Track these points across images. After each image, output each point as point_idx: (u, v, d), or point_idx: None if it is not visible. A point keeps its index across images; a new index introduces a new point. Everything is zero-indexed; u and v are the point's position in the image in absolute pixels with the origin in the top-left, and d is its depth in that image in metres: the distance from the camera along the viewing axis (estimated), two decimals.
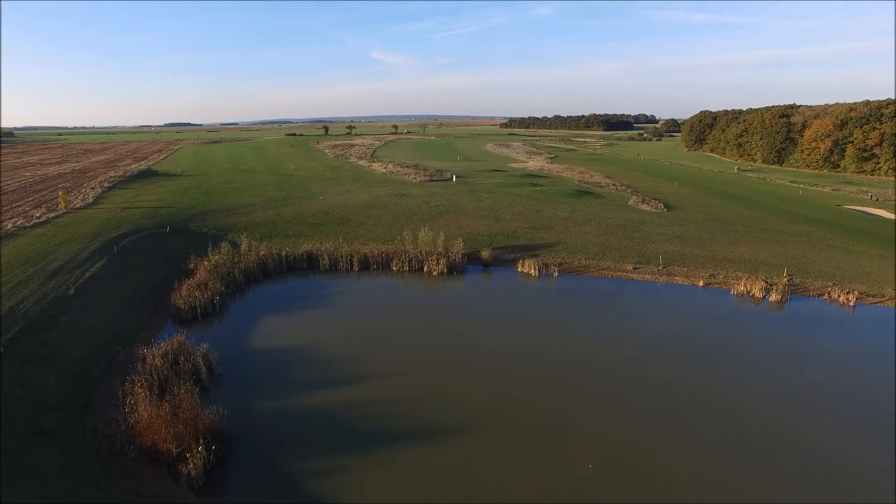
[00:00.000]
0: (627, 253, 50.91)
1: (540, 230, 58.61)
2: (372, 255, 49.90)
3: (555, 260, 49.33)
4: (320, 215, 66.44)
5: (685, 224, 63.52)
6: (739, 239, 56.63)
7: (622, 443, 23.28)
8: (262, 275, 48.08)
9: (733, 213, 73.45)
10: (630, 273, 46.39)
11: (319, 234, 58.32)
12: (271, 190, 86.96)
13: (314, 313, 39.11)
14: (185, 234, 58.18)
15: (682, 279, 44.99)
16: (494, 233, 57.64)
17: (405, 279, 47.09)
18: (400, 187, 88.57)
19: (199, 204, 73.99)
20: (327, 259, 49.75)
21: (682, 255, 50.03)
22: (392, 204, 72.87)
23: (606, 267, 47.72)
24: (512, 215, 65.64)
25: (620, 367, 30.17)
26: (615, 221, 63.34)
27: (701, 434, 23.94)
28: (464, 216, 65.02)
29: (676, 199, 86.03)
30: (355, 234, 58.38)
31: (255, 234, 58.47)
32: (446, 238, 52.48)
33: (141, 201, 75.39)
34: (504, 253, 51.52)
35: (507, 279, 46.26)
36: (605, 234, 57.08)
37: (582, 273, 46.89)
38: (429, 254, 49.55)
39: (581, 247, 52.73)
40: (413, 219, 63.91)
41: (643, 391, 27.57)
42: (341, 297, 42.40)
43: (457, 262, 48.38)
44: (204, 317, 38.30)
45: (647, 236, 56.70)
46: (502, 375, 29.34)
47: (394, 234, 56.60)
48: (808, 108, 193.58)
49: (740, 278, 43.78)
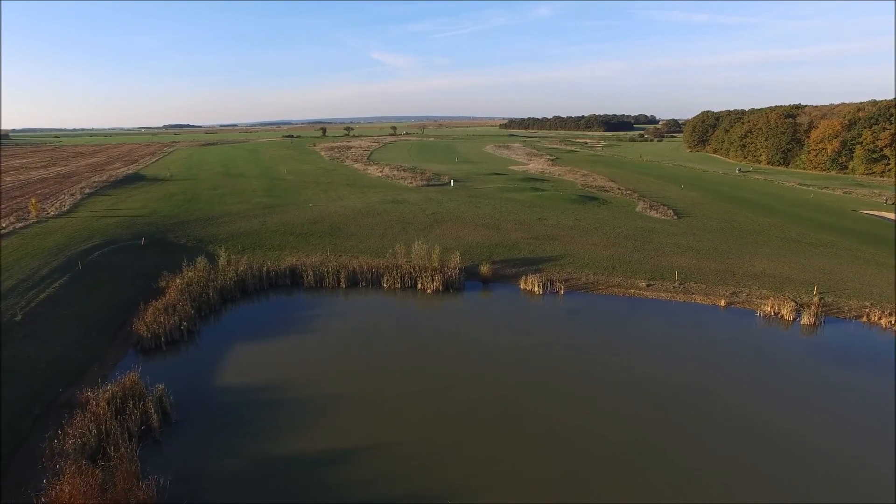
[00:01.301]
0: (639, 267, 46.79)
1: (543, 241, 54.48)
2: (361, 271, 45.78)
3: (560, 275, 45.22)
4: (309, 224, 62.31)
5: (698, 233, 59.41)
6: (759, 250, 52.50)
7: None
8: (241, 293, 43.94)
9: (747, 219, 69.36)
10: (643, 291, 42.26)
11: (307, 246, 54.24)
12: (260, 196, 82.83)
13: (293, 341, 34.96)
14: (162, 247, 54.07)
15: (701, 298, 40.87)
16: (494, 244, 53.51)
17: (397, 298, 42.97)
18: (395, 193, 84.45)
19: (181, 212, 69.88)
20: (312, 275, 45.62)
21: (699, 270, 45.90)
22: (386, 212, 68.74)
23: (617, 283, 43.60)
24: (513, 224, 61.51)
25: (641, 411, 26.04)
26: (624, 231, 59.21)
27: (740, 496, 19.83)
28: (462, 225, 60.89)
29: (685, 204, 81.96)
30: (345, 245, 54.27)
31: (237, 245, 54.42)
32: (442, 251, 48.39)
33: (120, 209, 71.27)
34: (505, 267, 47.40)
35: (509, 298, 42.13)
36: (613, 246, 52.95)
37: (590, 291, 42.76)
38: (423, 269, 45.45)
39: (588, 260, 48.61)
40: (408, 228, 59.79)
41: (668, 440, 23.46)
42: (325, 321, 38.26)
43: (453, 279, 44.26)
44: (169, 345, 34.17)
45: (660, 248, 52.58)
46: (507, 425, 25.19)
47: (386, 246, 52.53)
48: (814, 108, 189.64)
49: (766, 297, 39.68)
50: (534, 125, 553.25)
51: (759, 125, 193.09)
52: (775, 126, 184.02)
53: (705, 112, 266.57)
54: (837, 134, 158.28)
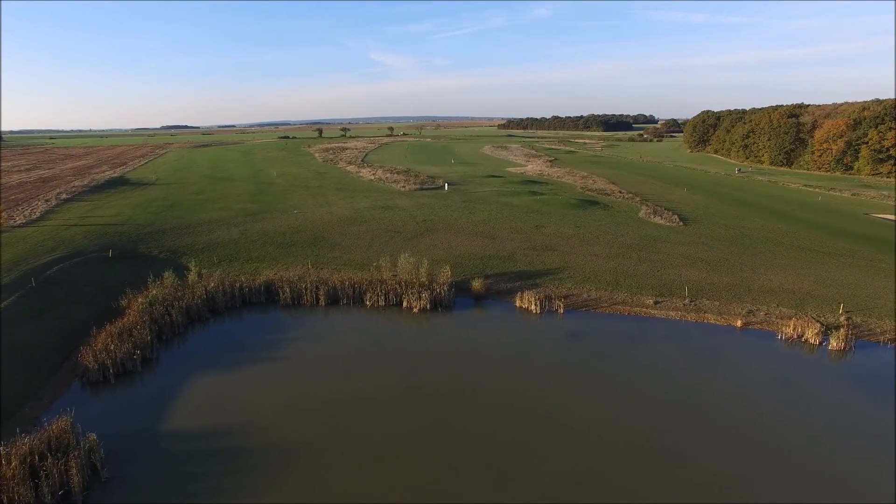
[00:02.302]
0: (645, 281, 43.03)
1: (541, 251, 50.69)
2: (342, 287, 41.98)
3: (560, 291, 41.46)
4: (291, 234, 58.49)
5: (707, 242, 55.66)
6: (774, 261, 48.76)
7: None
8: (210, 313, 40.15)
9: (756, 226, 65.65)
10: (651, 309, 38.50)
11: (287, 257, 50.45)
12: (244, 202, 79.00)
13: (261, 372, 31.16)
14: (131, 259, 50.25)
15: (715, 317, 37.11)
16: (489, 255, 49.73)
17: (380, 317, 39.17)
18: (386, 198, 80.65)
19: (158, 220, 66.04)
20: (289, 292, 41.81)
21: (711, 285, 42.15)
22: (374, 219, 64.93)
23: (622, 301, 39.83)
24: (509, 232, 57.72)
25: (652, 455, 22.28)
26: (627, 239, 55.42)
27: None
28: (454, 234, 57.09)
29: (690, 208, 78.26)
30: (328, 256, 50.47)
31: (213, 257, 50.64)
32: (431, 263, 44.65)
33: (94, 217, 67.42)
34: (499, 282, 43.64)
35: (503, 318, 38.34)
36: (616, 257, 49.18)
37: (592, 309, 38.99)
38: (409, 284, 41.68)
39: (590, 273, 44.85)
40: (396, 237, 56.00)
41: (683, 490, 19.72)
42: (299, 346, 34.45)
43: (442, 296, 40.47)
44: (120, 377, 30.39)
45: (667, 259, 48.81)
46: (503, 475, 21.42)
47: (372, 257, 48.76)
48: (817, 107, 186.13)
49: (787, 317, 35.95)
50: (532, 125, 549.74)
51: (762, 125, 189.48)
52: (778, 126, 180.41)
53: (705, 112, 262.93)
54: (842, 134, 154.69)
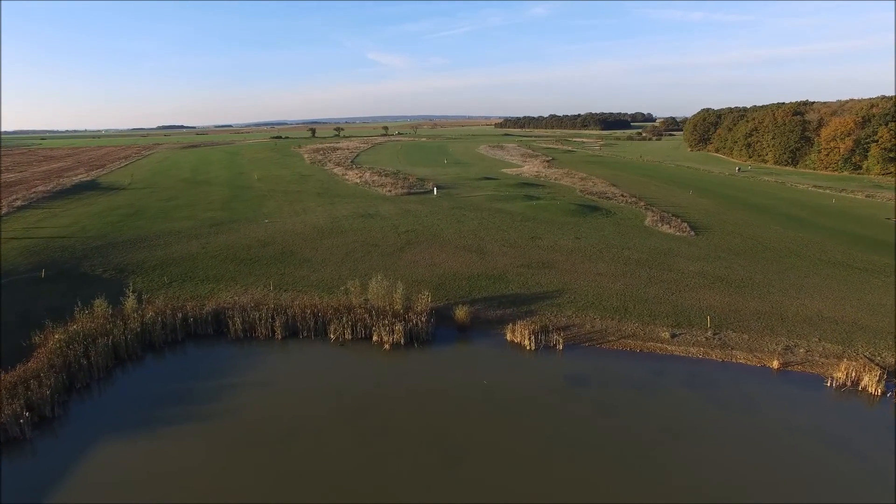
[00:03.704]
0: (658, 308, 36.81)
1: (538, 269, 44.43)
2: (302, 316, 35.66)
3: (558, 320, 35.23)
4: (257, 247, 52.15)
5: (724, 256, 49.44)
6: (805, 280, 42.57)
7: None
8: (145, 349, 33.84)
9: (775, 234, 59.49)
10: (667, 344, 32.28)
11: (248, 277, 44.16)
12: (215, 209, 72.63)
13: (188, 435, 24.85)
14: (69, 280, 43.90)
15: (745, 355, 30.91)
16: (477, 274, 43.47)
17: (344, 355, 32.90)
18: (369, 204, 74.28)
19: (114, 230, 59.69)
20: (240, 322, 35.51)
21: (737, 312, 35.95)
22: (352, 229, 58.61)
23: (632, 333, 33.60)
24: (501, 246, 51.41)
25: None
26: (634, 254, 49.16)
27: None
28: (439, 248, 50.78)
29: (699, 214, 72.10)
30: (294, 276, 44.17)
31: (165, 276, 44.36)
32: (410, 285, 38.47)
33: (42, 227, 61.01)
34: (488, 308, 37.39)
35: (490, 358, 32.08)
36: (623, 276, 42.94)
37: (597, 344, 32.75)
38: (382, 313, 35.41)
39: (594, 297, 38.60)
40: (373, 252, 49.69)
41: None
42: (242, 396, 28.16)
43: (420, 328, 34.19)
44: (6, 445, 24.09)
45: (681, 278, 42.57)
46: None
47: (343, 277, 42.53)
48: (822, 104, 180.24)
49: (834, 355, 29.81)
50: (529, 124, 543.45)
51: (766, 123, 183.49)
52: (783, 124, 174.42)
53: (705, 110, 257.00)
54: (850, 132, 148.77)
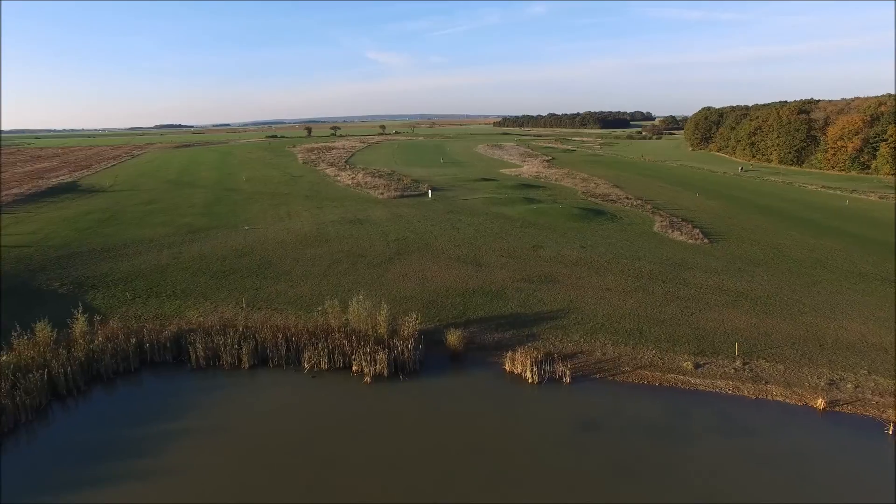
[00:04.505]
0: (677, 331, 32.55)
1: (540, 285, 40.13)
2: (273, 342, 31.36)
3: (564, 346, 30.98)
4: (234, 258, 47.82)
5: (744, 268, 45.18)
6: (837, 297, 38.33)
7: None
8: (91, 382, 29.50)
9: (794, 241, 55.26)
10: (691, 377, 28.01)
11: (220, 292, 39.86)
12: (194, 214, 68.25)
13: (126, 497, 20.54)
14: (19, 296, 39.54)
15: (782, 391, 26.67)
16: (472, 290, 39.16)
17: (319, 389, 28.59)
18: (359, 208, 69.90)
19: (81, 238, 55.32)
20: (202, 349, 31.20)
21: (767, 336, 31.70)
22: (339, 237, 54.26)
23: (649, 362, 29.34)
24: (499, 256, 47.10)
25: None
26: (646, 265, 44.87)
27: None
28: (431, 259, 46.46)
29: (709, 218, 67.87)
30: (271, 291, 39.85)
31: (128, 291, 40.07)
32: (397, 302, 34.23)
33: (4, 235, 56.55)
34: (485, 330, 33.11)
35: (487, 393, 27.78)
36: (635, 292, 38.66)
37: (610, 375, 28.48)
38: (363, 338, 31.14)
39: (604, 318, 34.32)
40: (359, 264, 45.37)
41: None
42: (197, 441, 23.83)
43: (406, 356, 29.90)
44: None
45: (699, 295, 38.29)
46: None
47: (325, 292, 38.28)
48: (829, 102, 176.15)
49: (888, 392, 25.59)
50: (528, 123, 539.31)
51: (770, 122, 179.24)
52: (788, 122, 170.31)
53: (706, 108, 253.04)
54: (859, 130, 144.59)
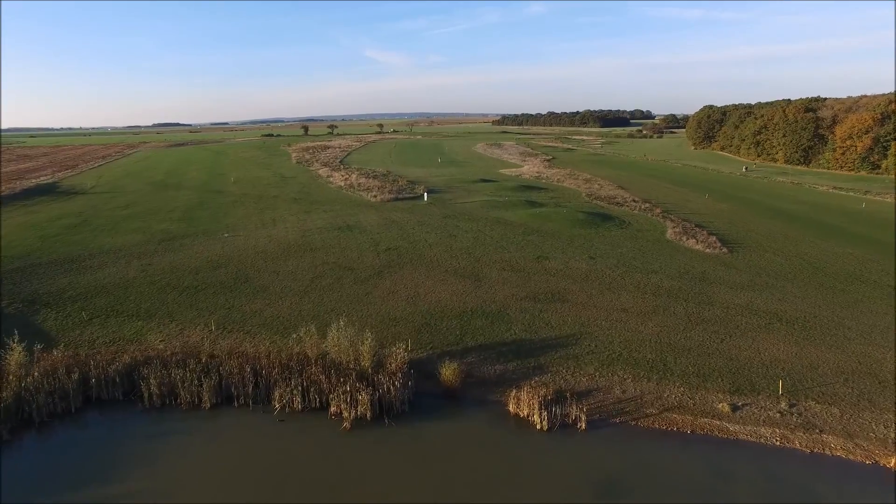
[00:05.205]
0: (707, 361, 28.20)
1: (546, 303, 35.75)
2: (239, 378, 26.95)
3: (577, 381, 26.64)
4: (208, 270, 43.40)
5: (772, 282, 40.84)
6: (883, 318, 33.89)
7: None
8: (21, 427, 25.10)
9: (820, 251, 50.97)
10: (728, 422, 23.67)
11: (188, 311, 35.45)
12: (173, 219, 63.76)
13: None
14: None
15: (842, 443, 22.34)
16: (471, 310, 34.75)
17: (290, 436, 24.19)
18: (349, 213, 65.39)
19: (45, 247, 50.86)
20: (157, 385, 26.80)
21: (813, 369, 27.37)
22: (325, 246, 49.81)
23: (677, 402, 24.99)
24: (500, 269, 42.67)
25: None
26: (664, 280, 40.47)
27: None
28: (425, 272, 42.04)
29: (723, 223, 63.55)
30: (245, 310, 35.43)
31: (85, 310, 35.68)
32: (383, 327, 29.87)
33: None
34: (485, 361, 28.74)
35: (487, 440, 23.39)
36: (655, 314, 34.26)
37: (633, 420, 24.13)
38: (344, 372, 26.78)
39: (621, 346, 29.96)
40: (345, 278, 40.94)
41: None
42: None
43: (393, 395, 25.53)
44: None
45: (727, 316, 33.91)
46: None
47: (305, 312, 33.93)
48: (836, 101, 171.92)
49: None
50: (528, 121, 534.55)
51: (775, 120, 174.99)
52: (794, 121, 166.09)
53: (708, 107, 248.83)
54: (869, 129, 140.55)
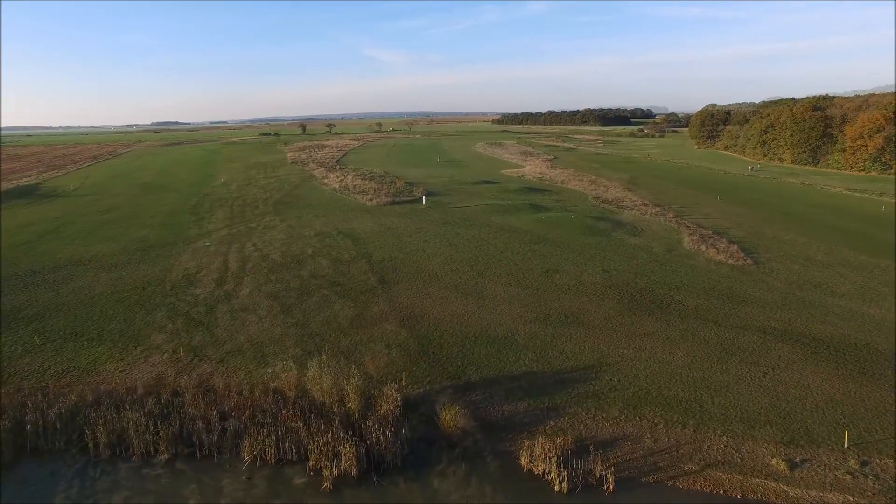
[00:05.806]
0: (749, 401, 24.18)
1: (559, 327, 31.69)
2: (203, 423, 22.92)
3: (600, 428, 22.62)
4: (183, 285, 39.31)
5: (809, 298, 36.79)
6: None
7: None
8: None
9: (853, 263, 46.95)
10: (787, 485, 19.68)
11: (158, 334, 31.47)
12: (154, 225, 59.67)
13: None
14: None
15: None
16: (474, 335, 30.71)
17: (262, 495, 20.16)
18: (343, 218, 61.24)
19: (10, 257, 46.92)
20: (104, 434, 22.76)
21: (880, 414, 23.33)
22: (314, 256, 45.69)
23: (721, 457, 20.98)
24: (506, 285, 38.56)
25: None
26: (688, 297, 36.32)
27: None
28: (422, 288, 37.92)
29: (741, 230, 59.54)
30: (220, 334, 31.37)
31: (39, 333, 31.64)
32: (374, 356, 25.84)
33: None
34: (491, 399, 24.70)
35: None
36: (682, 340, 30.22)
37: (668, 480, 20.11)
38: (326, 416, 22.77)
39: (648, 381, 25.92)
40: (334, 296, 36.81)
41: None
42: None
43: (383, 446, 21.51)
44: None
45: (765, 344, 29.86)
46: None
47: (288, 337, 29.91)
48: (845, 99, 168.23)
49: None
50: (528, 120, 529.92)
51: (783, 119, 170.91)
52: (802, 120, 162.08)
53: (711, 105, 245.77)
54: (881, 128, 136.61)
